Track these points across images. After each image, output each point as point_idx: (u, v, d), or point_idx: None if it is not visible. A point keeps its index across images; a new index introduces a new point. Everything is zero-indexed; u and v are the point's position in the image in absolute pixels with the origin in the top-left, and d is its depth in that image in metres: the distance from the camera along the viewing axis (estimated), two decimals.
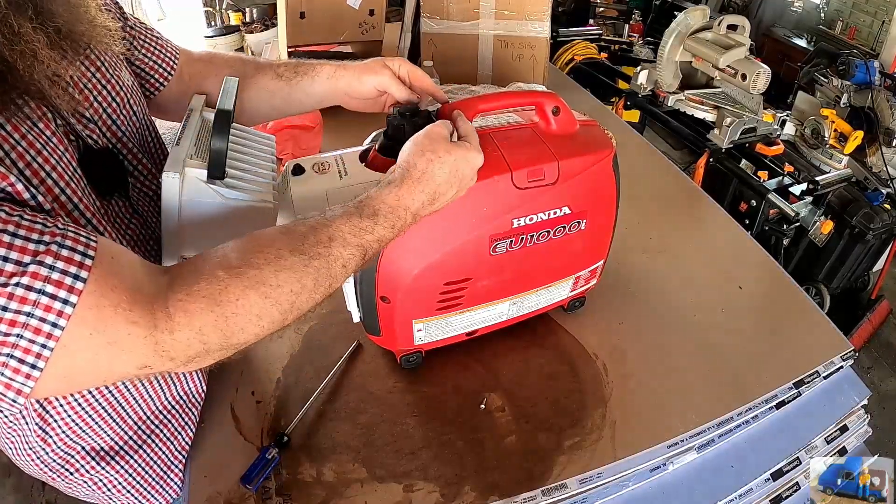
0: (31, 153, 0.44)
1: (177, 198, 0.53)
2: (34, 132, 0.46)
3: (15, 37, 0.44)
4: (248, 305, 0.45)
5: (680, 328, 0.89)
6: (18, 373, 0.40)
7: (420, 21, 1.48)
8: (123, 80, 0.60)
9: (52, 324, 0.39)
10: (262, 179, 0.60)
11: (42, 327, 0.39)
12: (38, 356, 0.40)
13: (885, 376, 2.16)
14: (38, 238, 0.40)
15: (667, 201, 1.22)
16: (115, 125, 0.57)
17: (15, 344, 0.39)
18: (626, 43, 3.47)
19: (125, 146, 0.59)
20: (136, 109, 0.62)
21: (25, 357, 0.39)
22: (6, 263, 0.38)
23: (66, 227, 0.42)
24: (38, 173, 0.44)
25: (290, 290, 0.47)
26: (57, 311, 0.39)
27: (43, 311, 0.39)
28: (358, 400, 0.78)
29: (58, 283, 0.39)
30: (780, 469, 0.76)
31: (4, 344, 0.39)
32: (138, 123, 0.62)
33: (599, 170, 0.73)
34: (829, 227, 2.07)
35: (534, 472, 0.70)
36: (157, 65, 0.69)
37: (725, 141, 1.86)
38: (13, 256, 0.38)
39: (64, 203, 0.47)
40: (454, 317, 0.75)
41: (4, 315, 0.38)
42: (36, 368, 0.40)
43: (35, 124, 0.46)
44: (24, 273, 0.38)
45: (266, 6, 2.16)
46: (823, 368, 0.84)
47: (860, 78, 2.09)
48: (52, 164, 0.46)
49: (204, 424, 0.73)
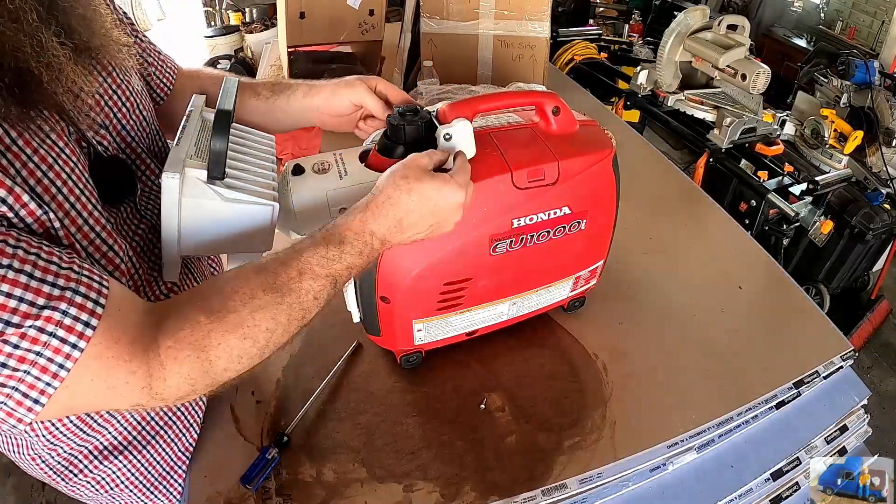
0: (43, 168, 0.45)
1: (177, 198, 0.53)
2: (46, 144, 0.46)
3: (42, 50, 0.45)
4: (230, 348, 0.47)
5: (680, 328, 0.89)
6: (21, 405, 0.42)
7: (420, 21, 1.47)
8: (133, 86, 0.61)
9: (59, 365, 0.41)
10: (262, 179, 0.60)
11: (49, 367, 0.41)
12: (42, 392, 0.42)
13: (885, 376, 2.16)
14: (53, 281, 0.41)
15: (667, 201, 1.22)
16: (124, 130, 0.58)
17: (22, 379, 0.41)
18: (625, 43, 3.47)
19: (134, 152, 0.59)
20: (146, 115, 0.62)
21: (30, 392, 0.41)
22: (21, 304, 0.39)
23: (80, 270, 0.43)
24: (49, 189, 0.45)
25: (265, 328, 0.49)
26: (65, 354, 0.41)
27: (52, 353, 0.41)
28: (358, 400, 0.78)
29: (69, 329, 0.41)
30: (780, 469, 0.76)
31: (11, 377, 0.41)
32: (148, 129, 0.62)
33: (599, 170, 0.73)
34: (829, 227, 2.07)
35: (534, 472, 0.70)
36: (160, 80, 0.72)
37: (725, 141, 1.86)
38: (28, 298, 0.40)
39: (74, 218, 0.47)
40: (454, 317, 0.75)
41: (15, 352, 0.40)
42: (38, 403, 0.42)
43: (48, 136, 0.47)
44: (38, 317, 0.40)
45: (266, 6, 2.16)
46: (823, 368, 0.84)
47: (860, 78, 2.09)
48: (63, 178, 0.47)
49: (204, 424, 0.73)
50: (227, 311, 0.47)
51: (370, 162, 0.65)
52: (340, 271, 0.53)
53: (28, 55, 0.44)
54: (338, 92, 0.72)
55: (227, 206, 0.56)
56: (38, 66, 0.45)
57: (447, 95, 1.31)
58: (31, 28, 0.44)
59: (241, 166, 0.59)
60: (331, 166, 0.65)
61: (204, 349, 0.46)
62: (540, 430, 0.74)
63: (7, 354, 0.40)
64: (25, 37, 0.44)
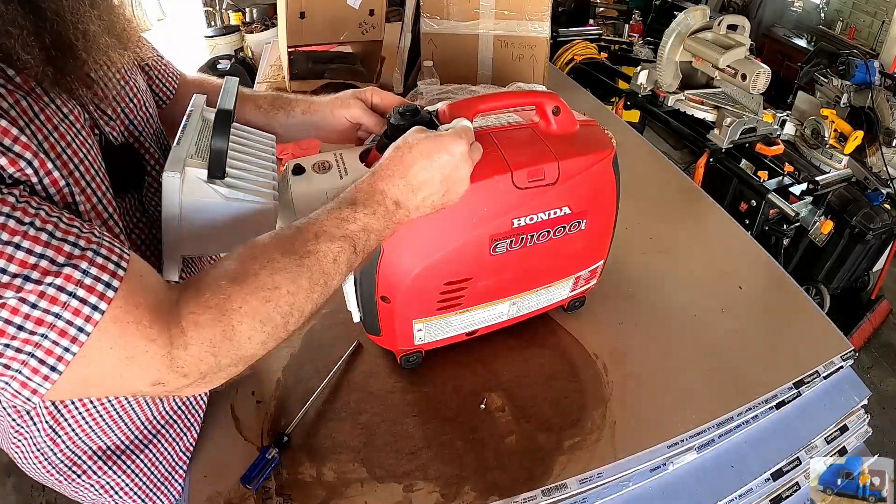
0: (62, 144, 0.45)
1: (177, 197, 0.53)
2: (66, 123, 0.47)
3: (79, 18, 0.46)
4: (252, 312, 0.46)
5: (680, 328, 0.89)
6: (37, 373, 0.40)
7: (420, 21, 1.48)
8: (139, 84, 0.61)
9: (79, 328, 0.40)
10: (262, 179, 0.60)
11: (68, 330, 0.40)
12: (60, 359, 0.40)
13: (885, 376, 2.16)
14: (74, 241, 0.40)
15: (667, 201, 1.22)
16: (132, 124, 0.59)
17: (38, 343, 0.39)
18: (626, 43, 3.47)
19: (142, 145, 0.60)
20: (152, 112, 0.63)
21: (46, 358, 0.40)
22: (42, 260, 0.38)
23: (101, 235, 0.43)
24: (67, 164, 0.45)
25: (286, 291, 0.47)
26: (85, 315, 0.40)
27: (71, 315, 0.39)
28: (358, 400, 0.78)
29: (90, 289, 0.40)
30: (780, 469, 0.76)
31: (28, 342, 0.39)
32: (154, 125, 0.63)
33: (599, 170, 0.73)
34: (829, 227, 2.08)
35: (534, 472, 0.70)
36: (162, 84, 0.72)
37: (725, 141, 1.86)
38: (49, 254, 0.39)
39: (90, 196, 0.47)
40: (454, 317, 0.75)
41: (33, 312, 0.38)
42: (55, 371, 0.40)
43: (66, 116, 0.47)
44: (58, 274, 0.39)
45: (266, 6, 2.17)
46: (823, 368, 0.84)
47: (860, 78, 2.09)
48: (81, 156, 0.47)
49: (204, 424, 0.73)
50: (247, 273, 0.46)
51: (370, 162, 0.65)
52: (357, 232, 0.52)
53: (67, 21, 0.45)
54: (334, 111, 0.73)
55: (227, 206, 0.56)
56: (74, 32, 0.46)
57: (447, 95, 1.31)
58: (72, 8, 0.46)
59: (241, 165, 0.59)
60: (331, 166, 0.66)
61: (225, 312, 0.45)
62: (540, 430, 0.74)
63: (24, 315, 0.38)
64: (66, 1, 0.45)
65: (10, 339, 0.38)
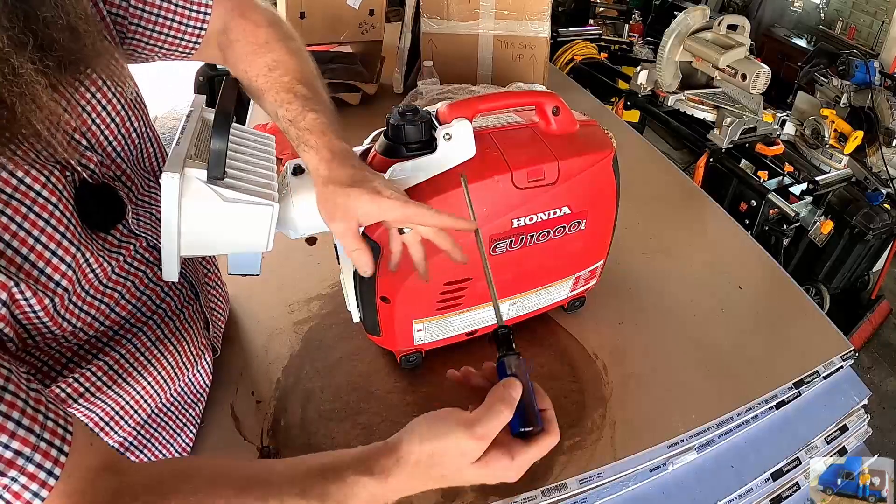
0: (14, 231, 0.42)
1: (176, 198, 0.53)
2: (18, 194, 0.43)
3: (16, 77, 0.42)
4: None
5: (680, 328, 0.89)
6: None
7: (420, 21, 1.48)
8: (127, 95, 0.57)
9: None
10: (261, 180, 0.60)
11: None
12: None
13: (885, 376, 2.16)
14: (6, 442, 0.37)
15: (667, 201, 1.22)
16: (111, 149, 0.55)
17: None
18: (626, 43, 3.47)
19: (121, 171, 0.57)
20: (137, 125, 0.59)
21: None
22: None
23: (43, 426, 0.39)
24: (14, 260, 0.42)
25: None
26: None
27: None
28: (358, 400, 0.78)
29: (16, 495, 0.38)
30: (780, 469, 0.76)
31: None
32: (137, 140, 0.59)
33: (599, 170, 0.73)
34: (829, 227, 2.08)
35: (534, 472, 0.69)
36: (173, 42, 0.64)
37: (725, 141, 1.86)
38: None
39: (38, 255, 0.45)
40: (454, 317, 0.75)
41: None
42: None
43: (21, 181, 0.43)
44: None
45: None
46: (823, 368, 0.84)
47: (860, 78, 2.09)
48: (31, 243, 0.44)
49: (204, 424, 0.73)
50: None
51: (370, 162, 0.65)
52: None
53: (0, 84, 0.41)
54: (319, 210, 0.58)
55: (226, 207, 0.56)
56: (10, 95, 0.42)
57: (447, 95, 1.31)
58: (3, 53, 0.41)
59: (240, 166, 0.59)
60: None
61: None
62: None
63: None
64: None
65: None
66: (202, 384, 0.71)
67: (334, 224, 0.56)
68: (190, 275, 0.69)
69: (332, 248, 0.73)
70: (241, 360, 0.82)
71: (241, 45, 0.66)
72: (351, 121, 0.84)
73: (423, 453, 0.45)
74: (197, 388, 0.70)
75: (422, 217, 0.55)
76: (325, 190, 0.56)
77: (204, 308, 0.71)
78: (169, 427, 0.68)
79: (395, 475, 0.45)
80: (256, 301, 0.91)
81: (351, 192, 0.54)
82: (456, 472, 0.46)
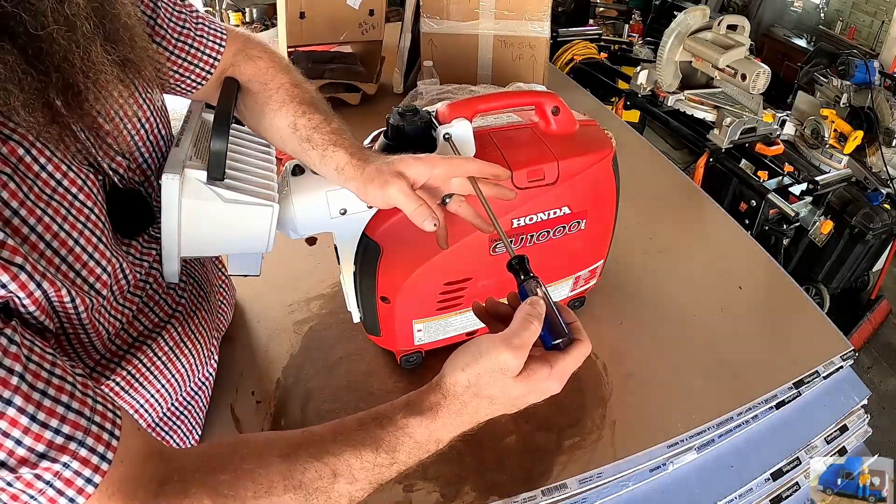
0: (50, 235, 0.41)
1: (176, 199, 0.53)
2: (57, 195, 0.42)
3: (92, 64, 0.41)
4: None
5: (680, 328, 0.89)
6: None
7: (420, 21, 1.48)
8: (155, 102, 0.56)
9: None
10: (261, 180, 0.60)
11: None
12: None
13: (885, 376, 2.16)
14: (56, 427, 0.37)
15: (667, 201, 1.22)
16: (140, 156, 0.54)
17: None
18: (626, 43, 3.48)
19: (147, 178, 0.56)
20: (164, 133, 0.58)
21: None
22: (19, 447, 0.35)
23: (93, 410, 0.39)
24: (52, 260, 0.42)
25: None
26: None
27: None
28: (358, 400, 0.78)
29: (68, 482, 0.37)
30: (780, 469, 0.76)
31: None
32: (164, 149, 0.58)
33: (599, 170, 0.73)
34: (829, 227, 2.08)
35: (534, 472, 0.70)
36: (189, 70, 0.62)
37: (725, 141, 1.86)
38: (27, 443, 0.35)
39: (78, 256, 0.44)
40: (454, 317, 0.75)
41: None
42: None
43: (60, 182, 0.43)
44: (35, 465, 0.36)
45: (266, 6, 2.17)
46: (823, 368, 0.84)
47: (860, 78, 2.09)
48: (70, 245, 0.43)
49: (204, 424, 0.73)
50: (235, 498, 0.41)
51: None
52: (388, 478, 0.45)
53: (77, 69, 0.40)
54: (367, 189, 0.56)
55: (226, 207, 0.56)
56: (85, 81, 0.41)
57: (447, 95, 1.31)
58: (84, 39, 0.40)
59: (240, 167, 0.59)
60: None
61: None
62: (539, 430, 0.74)
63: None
64: (78, 48, 0.40)
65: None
66: (205, 393, 0.71)
67: (389, 192, 0.54)
68: (200, 277, 0.69)
69: (332, 248, 0.73)
70: (241, 360, 0.82)
71: (251, 83, 0.64)
72: (351, 121, 0.83)
73: (467, 379, 0.45)
74: (198, 395, 0.70)
75: (463, 166, 0.57)
76: (369, 168, 0.56)
77: (215, 309, 0.71)
78: (180, 430, 0.68)
79: (444, 409, 0.45)
80: (256, 301, 0.91)
81: (395, 161, 0.55)
82: (501, 393, 0.45)
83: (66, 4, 0.38)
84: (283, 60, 0.66)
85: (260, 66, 0.64)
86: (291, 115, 0.60)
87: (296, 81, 0.63)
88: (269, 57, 0.65)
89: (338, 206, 0.63)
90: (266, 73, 0.63)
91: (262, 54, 0.65)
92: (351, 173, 0.56)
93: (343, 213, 0.63)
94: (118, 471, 0.39)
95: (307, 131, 0.59)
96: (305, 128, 0.59)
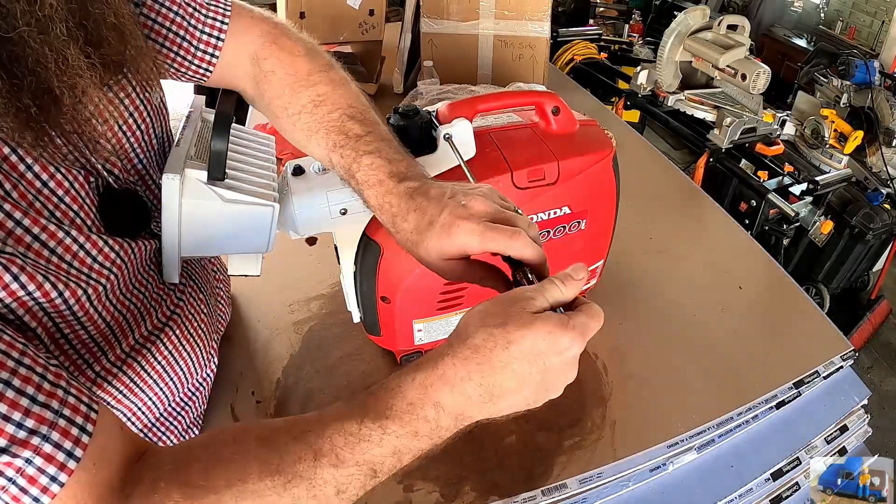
0: (34, 233, 0.41)
1: (177, 199, 0.53)
2: (42, 196, 0.42)
3: (67, 68, 0.39)
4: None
5: (680, 328, 0.89)
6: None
7: (420, 21, 1.48)
8: (153, 101, 0.55)
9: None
10: (262, 180, 0.60)
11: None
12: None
13: (885, 376, 2.16)
14: (19, 420, 0.34)
15: (667, 201, 1.22)
16: (136, 156, 0.53)
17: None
18: (626, 43, 3.48)
19: (142, 178, 0.55)
20: (160, 132, 0.57)
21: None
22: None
23: (63, 402, 0.36)
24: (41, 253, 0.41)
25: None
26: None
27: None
28: None
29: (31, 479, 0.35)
30: (780, 469, 0.76)
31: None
32: (159, 148, 0.57)
33: (599, 170, 0.73)
34: (829, 227, 2.08)
35: (534, 472, 0.70)
36: (191, 53, 0.59)
37: (725, 141, 1.86)
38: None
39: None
40: (454, 317, 0.75)
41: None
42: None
43: (46, 184, 0.42)
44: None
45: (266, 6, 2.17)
46: (823, 368, 0.84)
47: (860, 78, 2.10)
48: (54, 245, 0.42)
49: (204, 424, 0.73)
50: (206, 489, 0.37)
51: None
52: (381, 458, 0.38)
53: (51, 73, 0.39)
54: (427, 244, 0.49)
55: (227, 207, 0.56)
56: (60, 86, 0.39)
57: (447, 95, 1.31)
58: (59, 42, 0.39)
59: (241, 167, 0.59)
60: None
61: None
62: (540, 429, 0.74)
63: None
64: (52, 52, 0.38)
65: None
66: (203, 395, 0.71)
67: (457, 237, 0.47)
68: (199, 278, 0.69)
69: (332, 248, 0.73)
70: (241, 360, 0.82)
71: (278, 77, 0.59)
72: None
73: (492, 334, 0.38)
74: (195, 393, 0.70)
75: (500, 244, 0.47)
76: (405, 245, 0.51)
77: (214, 311, 0.71)
78: (177, 430, 0.68)
79: (448, 360, 0.38)
80: (256, 301, 0.91)
81: (420, 244, 0.49)
82: (526, 352, 0.38)
83: (38, 6, 0.37)
84: (322, 58, 0.61)
85: (298, 66, 0.59)
86: (325, 148, 0.56)
87: (323, 95, 0.58)
88: (305, 52, 0.60)
89: (338, 206, 0.63)
90: (301, 80, 0.59)
91: (297, 48, 0.60)
92: (396, 215, 0.51)
93: (343, 213, 0.64)
94: (93, 473, 0.37)
95: (341, 172, 0.54)
96: (339, 167, 0.54)
